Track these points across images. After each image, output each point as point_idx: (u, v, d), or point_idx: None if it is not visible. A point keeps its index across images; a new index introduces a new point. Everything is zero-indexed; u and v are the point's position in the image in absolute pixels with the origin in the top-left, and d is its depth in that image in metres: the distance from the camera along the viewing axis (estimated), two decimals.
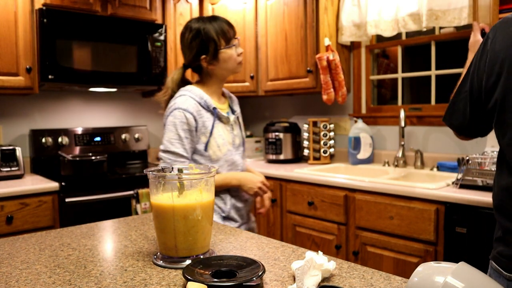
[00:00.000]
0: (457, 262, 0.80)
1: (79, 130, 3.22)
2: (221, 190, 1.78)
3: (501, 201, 1.23)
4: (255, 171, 1.97)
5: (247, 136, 3.88)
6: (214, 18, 1.79)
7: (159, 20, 3.28)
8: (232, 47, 1.78)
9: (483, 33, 1.72)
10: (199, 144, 1.74)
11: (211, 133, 1.73)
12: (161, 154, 1.75)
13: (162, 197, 1.13)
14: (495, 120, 1.22)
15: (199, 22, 1.77)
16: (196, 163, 1.75)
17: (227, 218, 1.82)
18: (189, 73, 1.97)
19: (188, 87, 1.80)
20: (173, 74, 1.89)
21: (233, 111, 1.89)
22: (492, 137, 2.48)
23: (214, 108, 1.76)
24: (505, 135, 1.19)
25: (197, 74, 1.87)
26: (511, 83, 1.15)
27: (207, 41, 1.74)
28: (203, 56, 1.77)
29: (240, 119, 1.95)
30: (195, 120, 1.71)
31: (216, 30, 1.74)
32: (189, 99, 1.72)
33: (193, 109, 1.71)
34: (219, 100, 1.86)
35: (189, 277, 0.93)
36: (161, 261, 1.13)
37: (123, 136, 3.41)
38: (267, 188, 1.82)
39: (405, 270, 2.20)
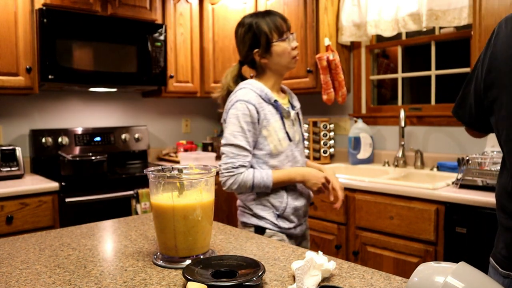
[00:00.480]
0: (457, 262, 0.80)
1: (79, 130, 3.22)
2: (277, 187, 1.70)
3: (499, 197, 1.24)
4: (315, 165, 1.89)
5: None
6: (267, 13, 1.75)
7: (159, 20, 3.28)
8: (286, 40, 1.72)
9: None
10: (260, 137, 1.68)
11: (272, 126, 1.68)
12: (224, 149, 1.66)
13: (162, 197, 1.13)
14: (493, 116, 1.22)
15: (252, 17, 1.75)
16: (255, 158, 1.69)
17: (281, 217, 1.72)
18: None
19: (248, 80, 1.75)
20: (228, 71, 1.84)
21: (293, 107, 1.83)
22: (492, 137, 2.47)
23: (276, 101, 1.71)
24: (502, 132, 1.19)
25: (253, 71, 1.83)
26: (506, 80, 1.15)
27: (259, 34, 1.70)
28: (256, 50, 1.72)
29: (300, 115, 1.89)
30: (257, 112, 1.65)
31: (268, 24, 1.71)
32: (250, 92, 1.67)
33: (255, 101, 1.65)
34: (279, 95, 1.80)
35: (189, 277, 0.93)
36: (161, 261, 1.13)
37: (123, 136, 3.41)
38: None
39: (405, 270, 2.20)
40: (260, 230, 1.69)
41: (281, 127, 1.71)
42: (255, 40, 1.72)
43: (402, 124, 2.81)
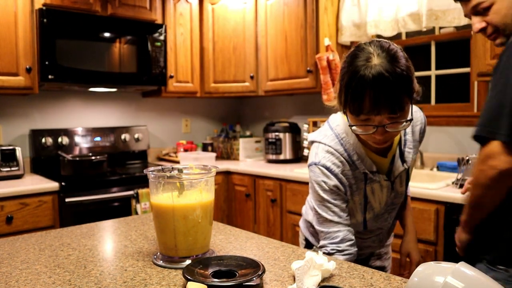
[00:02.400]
0: (457, 262, 0.80)
1: (79, 130, 3.22)
2: None
3: None
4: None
5: (247, 136, 3.88)
6: None
7: (159, 20, 3.28)
8: None
9: None
10: None
11: None
12: None
13: (162, 197, 1.13)
14: None
15: None
16: None
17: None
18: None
19: None
20: None
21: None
22: None
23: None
24: None
25: None
26: None
27: None
28: None
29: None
30: None
31: None
32: None
33: None
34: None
35: (189, 277, 0.93)
36: (161, 261, 1.13)
37: (123, 136, 3.41)
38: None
39: None
40: (308, 245, 1.62)
41: None
42: None
43: None
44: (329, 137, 1.37)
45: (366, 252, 1.55)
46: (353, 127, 1.24)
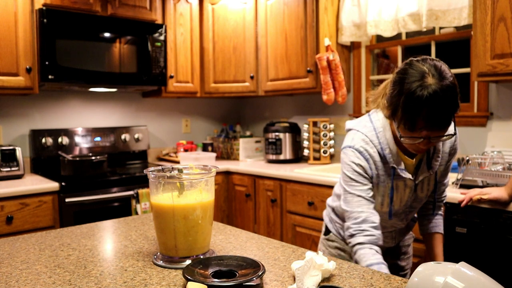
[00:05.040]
0: (457, 262, 0.80)
1: (79, 130, 3.22)
2: None
3: None
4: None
5: (247, 136, 3.88)
6: None
7: (159, 20, 3.28)
8: None
9: None
10: None
11: None
12: None
13: (162, 197, 1.13)
14: None
15: None
16: None
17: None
18: None
19: None
20: None
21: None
22: (492, 137, 2.48)
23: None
24: None
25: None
26: None
27: None
28: None
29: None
30: None
31: None
32: None
33: None
34: None
35: (189, 277, 0.93)
36: (161, 261, 1.13)
37: (123, 136, 3.41)
38: None
39: None
40: (327, 232, 1.72)
41: None
42: None
43: None
44: (368, 128, 1.46)
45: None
46: (402, 139, 1.33)
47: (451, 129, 1.36)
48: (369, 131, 1.45)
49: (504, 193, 1.86)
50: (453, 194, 2.05)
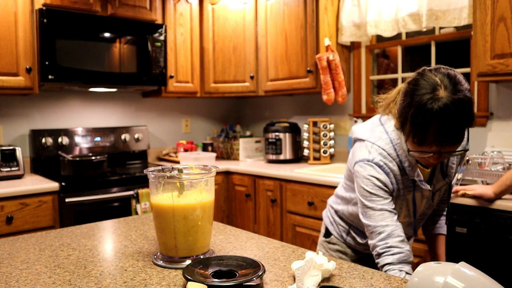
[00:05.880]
0: (457, 262, 0.80)
1: (79, 130, 3.22)
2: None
3: None
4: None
5: (247, 136, 3.88)
6: None
7: (159, 20, 3.28)
8: None
9: None
10: None
11: None
12: None
13: (162, 197, 1.13)
14: None
15: None
16: None
17: (350, 235, 1.61)
18: None
19: None
20: None
21: None
22: (492, 137, 2.48)
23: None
24: None
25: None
26: None
27: None
28: None
29: None
30: None
31: None
32: None
33: None
34: None
35: (189, 277, 0.93)
36: (161, 261, 1.13)
37: (123, 136, 3.41)
38: None
39: None
40: (327, 233, 1.68)
41: None
42: None
43: None
44: (384, 140, 1.39)
45: None
46: (411, 152, 1.27)
47: (464, 144, 1.30)
48: (386, 143, 1.38)
49: (490, 190, 1.89)
50: (453, 194, 2.05)
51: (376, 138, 1.40)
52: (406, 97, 1.25)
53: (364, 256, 1.61)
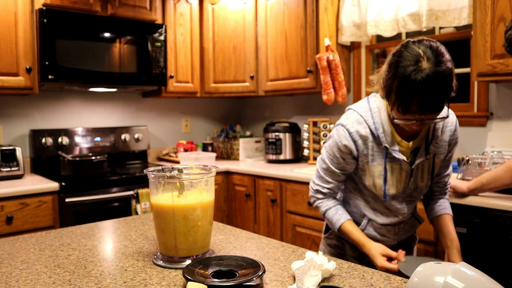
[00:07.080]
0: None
1: (79, 130, 3.22)
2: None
3: None
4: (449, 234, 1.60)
5: (247, 136, 3.88)
6: None
7: (159, 20, 3.28)
8: None
9: None
10: None
11: None
12: None
13: (162, 197, 1.13)
14: None
15: None
16: None
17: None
18: None
19: None
20: None
21: None
22: (492, 137, 2.48)
23: None
24: None
25: None
26: None
27: None
28: None
29: None
30: None
31: None
32: None
33: None
34: None
35: (189, 277, 0.93)
36: (161, 261, 1.13)
37: (123, 136, 3.41)
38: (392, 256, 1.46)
39: None
40: (327, 229, 1.72)
41: None
42: None
43: None
44: (364, 108, 1.50)
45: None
46: (395, 120, 1.35)
47: (444, 111, 1.38)
48: (364, 111, 1.48)
49: (463, 185, 1.91)
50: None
51: (358, 106, 1.53)
52: (391, 68, 1.31)
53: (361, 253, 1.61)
